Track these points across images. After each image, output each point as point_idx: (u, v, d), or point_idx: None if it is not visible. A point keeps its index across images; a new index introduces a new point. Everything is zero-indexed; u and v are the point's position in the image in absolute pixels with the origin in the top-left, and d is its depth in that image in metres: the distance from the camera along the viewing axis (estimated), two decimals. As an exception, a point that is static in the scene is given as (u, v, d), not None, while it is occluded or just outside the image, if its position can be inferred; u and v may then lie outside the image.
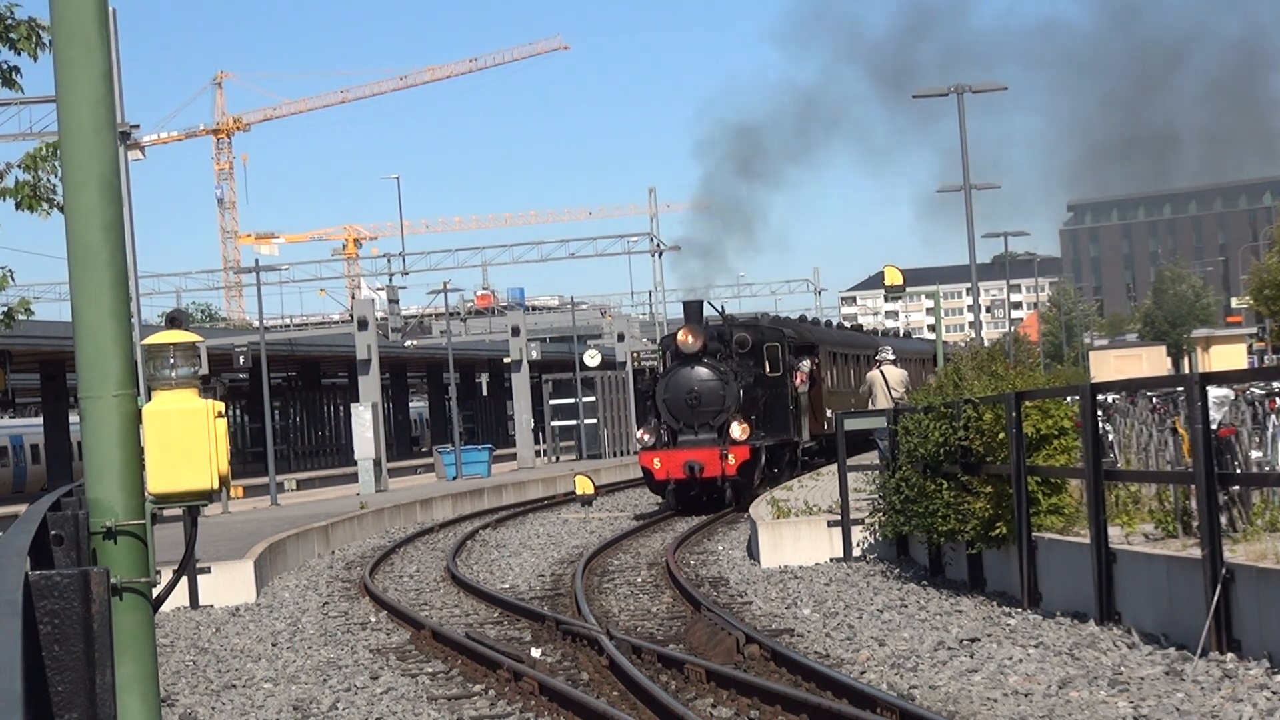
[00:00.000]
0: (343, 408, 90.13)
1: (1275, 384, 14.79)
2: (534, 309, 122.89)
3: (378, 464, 48.44)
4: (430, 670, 16.18)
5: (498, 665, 15.20)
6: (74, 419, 61.33)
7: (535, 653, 16.22)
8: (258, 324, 52.10)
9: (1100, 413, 15.88)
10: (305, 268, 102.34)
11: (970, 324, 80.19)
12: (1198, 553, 12.91)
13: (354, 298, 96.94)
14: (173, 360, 8.48)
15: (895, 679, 13.31)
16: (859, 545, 23.05)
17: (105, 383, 7.88)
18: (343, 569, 28.52)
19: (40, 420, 70.84)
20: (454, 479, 54.31)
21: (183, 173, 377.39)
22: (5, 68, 17.09)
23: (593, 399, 68.56)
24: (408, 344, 74.10)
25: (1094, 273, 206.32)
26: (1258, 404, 14.77)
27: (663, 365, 38.32)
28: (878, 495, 22.78)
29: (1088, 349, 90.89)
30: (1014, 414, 16.88)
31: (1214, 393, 13.57)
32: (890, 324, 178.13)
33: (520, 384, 65.30)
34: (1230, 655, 12.30)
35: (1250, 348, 78.04)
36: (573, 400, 69.60)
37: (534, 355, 66.02)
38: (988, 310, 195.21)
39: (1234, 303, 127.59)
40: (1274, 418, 14.48)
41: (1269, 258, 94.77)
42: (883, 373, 30.00)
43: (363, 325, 52.32)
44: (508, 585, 24.05)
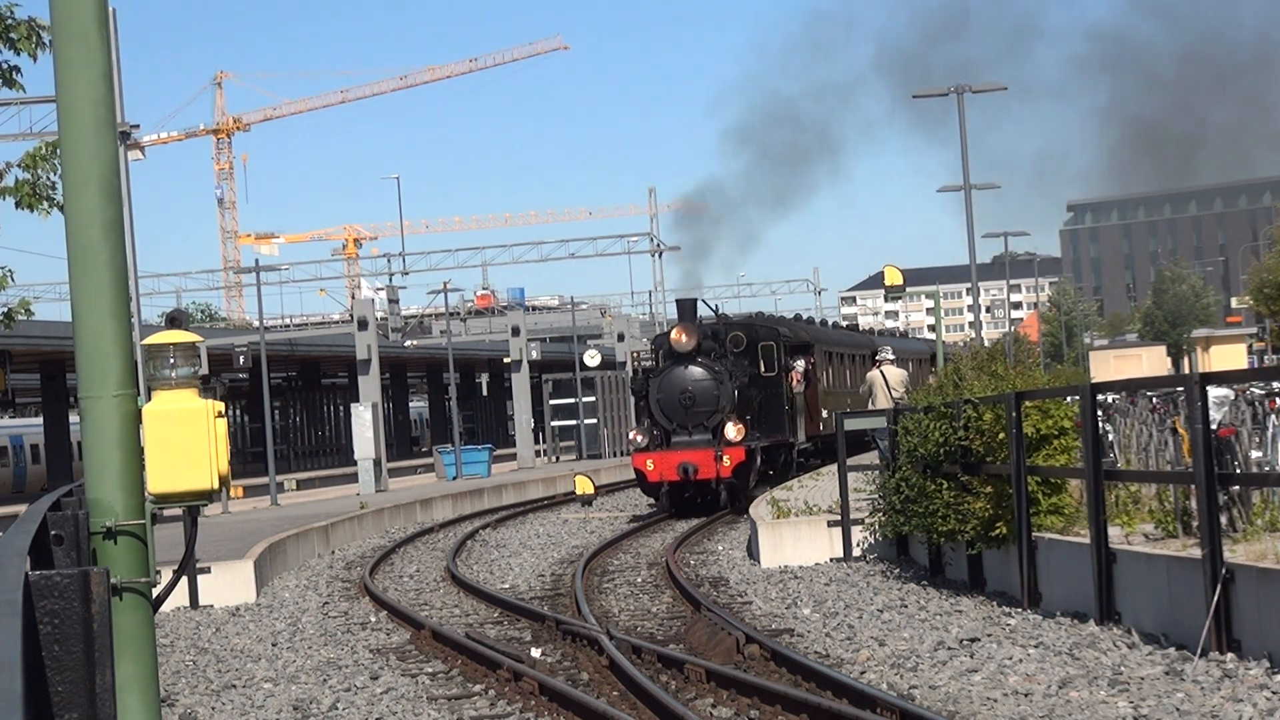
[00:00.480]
0: (343, 408, 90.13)
1: (1275, 384, 14.79)
2: (534, 309, 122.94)
3: (378, 464, 48.44)
4: (430, 670, 16.17)
5: (498, 665, 15.20)
6: (74, 419, 61.33)
7: (535, 653, 16.21)
8: (258, 324, 52.10)
9: (1100, 413, 15.88)
10: (305, 268, 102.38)
11: (970, 324, 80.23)
12: (1198, 553, 12.90)
13: (354, 298, 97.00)
14: (173, 360, 8.48)
15: (895, 679, 13.31)
16: (859, 545, 23.05)
17: (105, 383, 7.89)
18: (343, 569, 28.52)
19: (40, 420, 70.85)
20: (454, 479, 54.30)
21: (183, 173, 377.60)
22: (5, 68, 17.10)
23: (593, 399, 68.57)
24: (408, 344, 74.09)
25: (1094, 273, 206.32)
26: (1258, 404, 14.77)
27: (656, 364, 37.75)
28: (878, 495, 22.78)
29: (1088, 349, 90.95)
30: (1014, 414, 16.87)
31: (1214, 393, 13.57)
32: (890, 324, 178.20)
33: (520, 384, 65.30)
34: (1230, 655, 12.30)
35: (1250, 348, 78.05)
36: (573, 400, 69.59)
37: (534, 355, 66.02)
38: (988, 310, 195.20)
39: (1234, 303, 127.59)
40: (1274, 418, 14.47)
41: (1269, 258, 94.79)
42: (883, 373, 30.01)
43: (363, 325, 52.32)
44: (508, 585, 24.05)
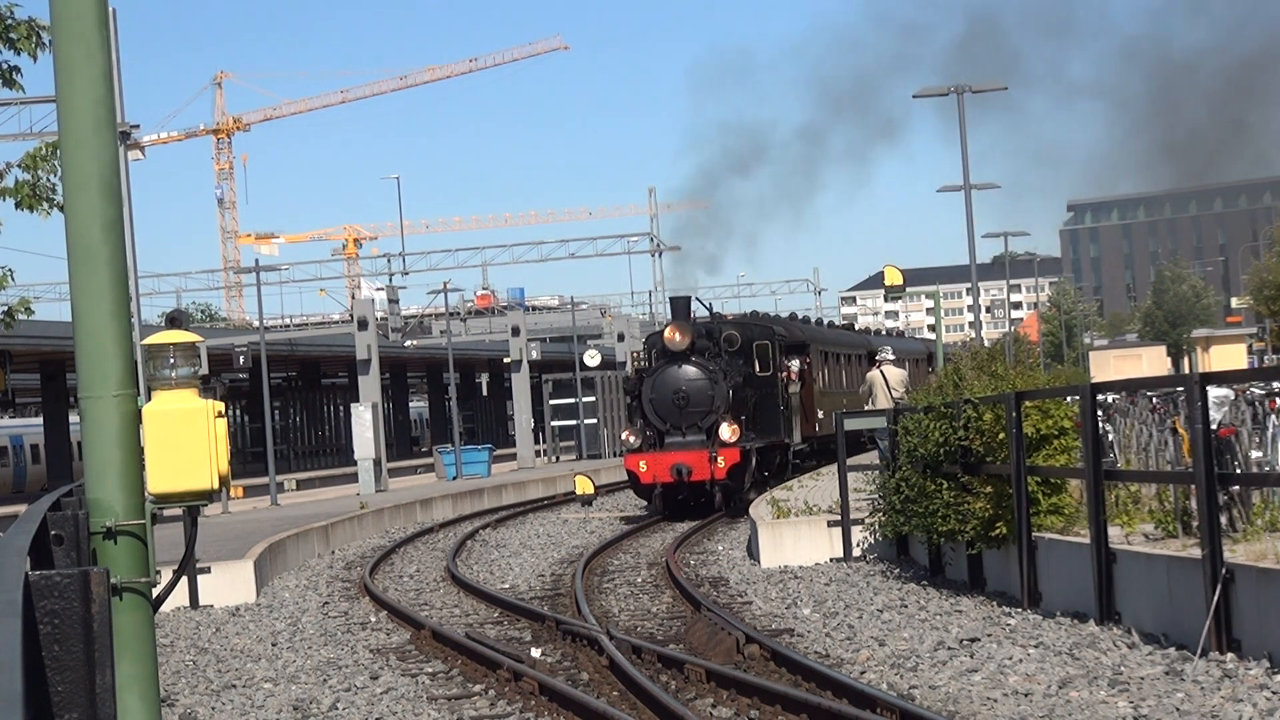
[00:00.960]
0: (343, 408, 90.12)
1: (1275, 384, 14.79)
2: (534, 309, 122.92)
3: (378, 464, 48.45)
4: (430, 670, 16.17)
5: (498, 665, 15.20)
6: (74, 419, 61.34)
7: (535, 653, 16.21)
8: (258, 324, 52.10)
9: (1100, 413, 15.88)
10: (305, 268, 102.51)
11: (970, 324, 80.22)
12: (1198, 553, 12.90)
13: (354, 298, 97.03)
14: (173, 360, 8.48)
15: (895, 679, 13.31)
16: (859, 545, 23.05)
17: (105, 383, 7.89)
18: (343, 569, 28.52)
19: (40, 420, 70.85)
20: (454, 479, 54.30)
21: (183, 173, 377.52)
22: (5, 68, 17.10)
23: (593, 399, 68.56)
24: (408, 344, 74.09)
25: (1094, 273, 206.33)
26: (1258, 404, 14.77)
27: (648, 364, 36.82)
28: (878, 495, 22.78)
29: (1088, 349, 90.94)
30: (1014, 414, 16.87)
31: (1214, 393, 13.57)
32: (890, 324, 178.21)
33: (520, 384, 65.31)
34: (1230, 655, 12.30)
35: (1250, 348, 78.07)
36: (573, 400, 69.58)
37: (534, 355, 66.03)
38: (988, 310, 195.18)
39: (1234, 303, 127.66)
40: (1274, 418, 14.48)
41: (1269, 258, 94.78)
42: (883, 373, 30.02)
43: (363, 325, 52.33)
44: (508, 585, 24.05)
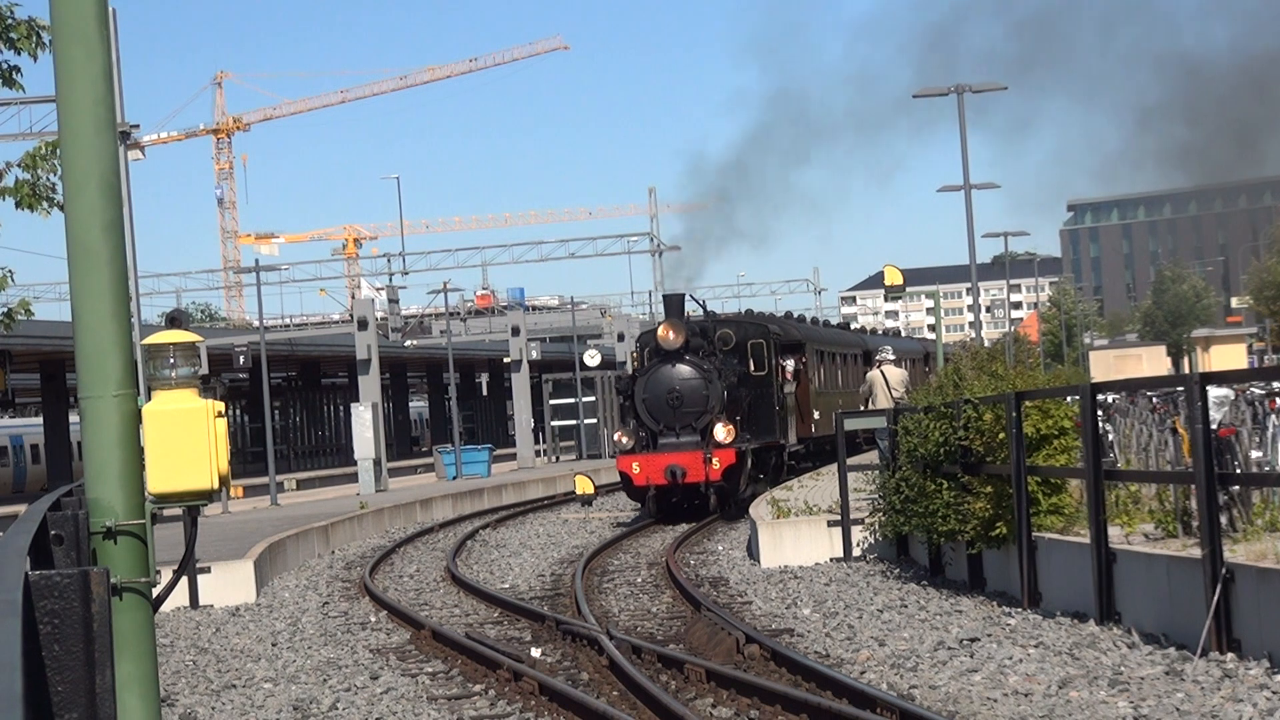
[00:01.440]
0: (343, 408, 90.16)
1: (1275, 384, 14.80)
2: (534, 309, 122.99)
3: (378, 464, 48.45)
4: (430, 670, 16.17)
5: (498, 665, 15.20)
6: (74, 419, 61.34)
7: (535, 653, 16.21)
8: (258, 324, 52.11)
9: (1100, 413, 15.88)
10: (305, 268, 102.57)
11: (970, 324, 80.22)
12: (1198, 553, 12.90)
13: (354, 298, 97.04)
14: (173, 360, 8.48)
15: (895, 679, 13.31)
16: (859, 545, 23.05)
17: (105, 383, 7.88)
18: (343, 569, 28.52)
19: (40, 420, 70.85)
20: (454, 479, 54.31)
21: (183, 173, 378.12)
22: (5, 68, 17.09)
23: (593, 399, 68.56)
24: (408, 344, 74.11)
25: (1094, 273, 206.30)
26: (1258, 404, 14.77)
27: (641, 363, 35.97)
28: (878, 495, 22.78)
29: (1088, 349, 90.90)
30: (1014, 414, 16.87)
31: (1214, 393, 13.57)
32: (890, 324, 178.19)
33: (520, 384, 65.32)
34: (1230, 655, 12.30)
35: (1250, 348, 78.12)
36: (573, 400, 69.59)
37: (534, 355, 66.04)
38: (988, 310, 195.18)
39: (1234, 303, 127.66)
40: (1274, 418, 14.48)
41: (1269, 258, 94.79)
42: (883, 372, 30.02)
43: (363, 325, 52.33)
44: (508, 585, 24.05)
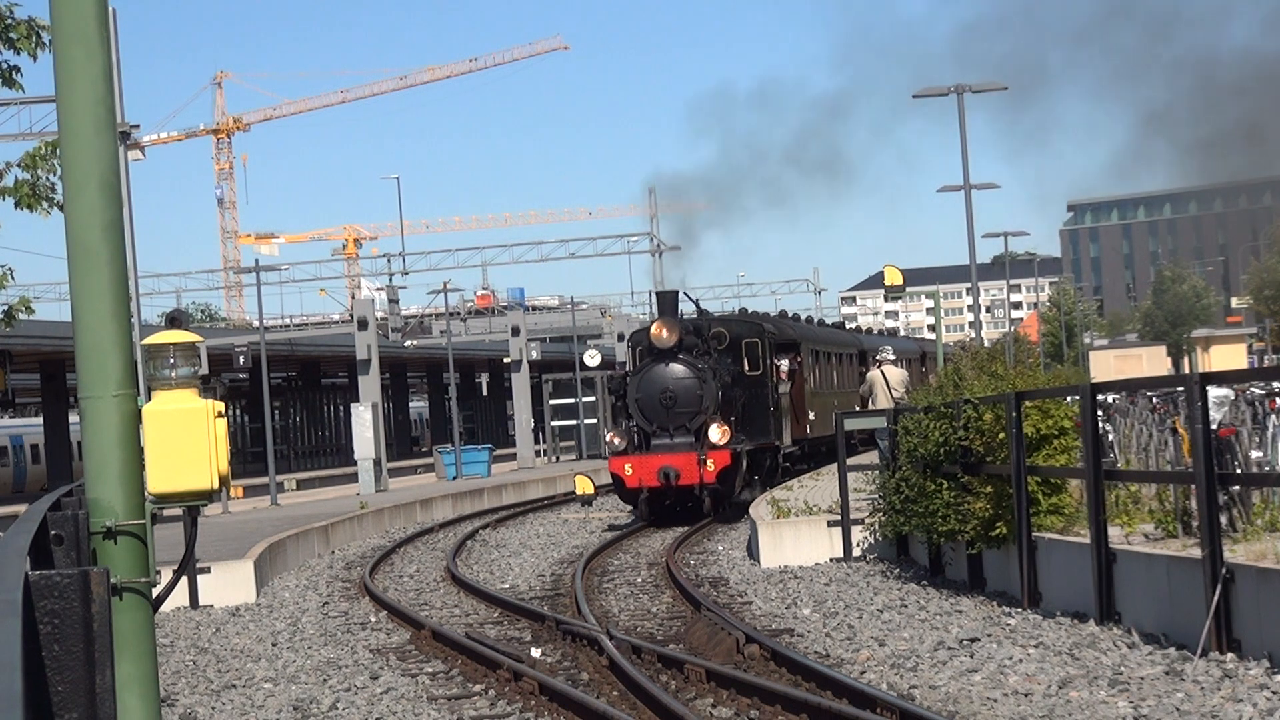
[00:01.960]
0: (343, 408, 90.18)
1: (1275, 384, 14.80)
2: (534, 309, 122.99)
3: (378, 464, 48.45)
4: (430, 670, 16.17)
5: (498, 665, 15.20)
6: (74, 419, 61.34)
7: (535, 653, 16.21)
8: (258, 324, 52.11)
9: (1100, 413, 15.88)
10: (305, 268, 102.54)
11: (970, 324, 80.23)
12: (1198, 553, 12.90)
13: (354, 298, 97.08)
14: (173, 360, 8.48)
15: (895, 679, 13.31)
16: (859, 545, 23.05)
17: (105, 383, 7.88)
18: (343, 569, 28.51)
19: (40, 420, 70.85)
20: (454, 479, 54.31)
21: (183, 173, 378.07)
22: (5, 68, 17.10)
23: (593, 399, 68.54)
24: (408, 344, 74.12)
25: (1094, 273, 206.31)
26: (1258, 404, 14.77)
27: (633, 363, 35.14)
28: (878, 495, 22.78)
29: (1088, 349, 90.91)
30: (1014, 414, 16.87)
31: (1214, 393, 13.57)
32: (890, 324, 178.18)
33: (520, 384, 65.32)
34: (1230, 655, 12.30)
35: (1250, 348, 78.13)
36: (573, 400, 69.58)
37: (534, 355, 66.04)
38: (988, 310, 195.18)
39: (1234, 303, 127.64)
40: (1274, 418, 14.48)
41: (1269, 258, 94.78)
42: (883, 372, 30.02)
43: (363, 325, 52.33)
44: (508, 585, 24.05)
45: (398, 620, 20.32)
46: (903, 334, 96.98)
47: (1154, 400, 17.21)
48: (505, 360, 70.84)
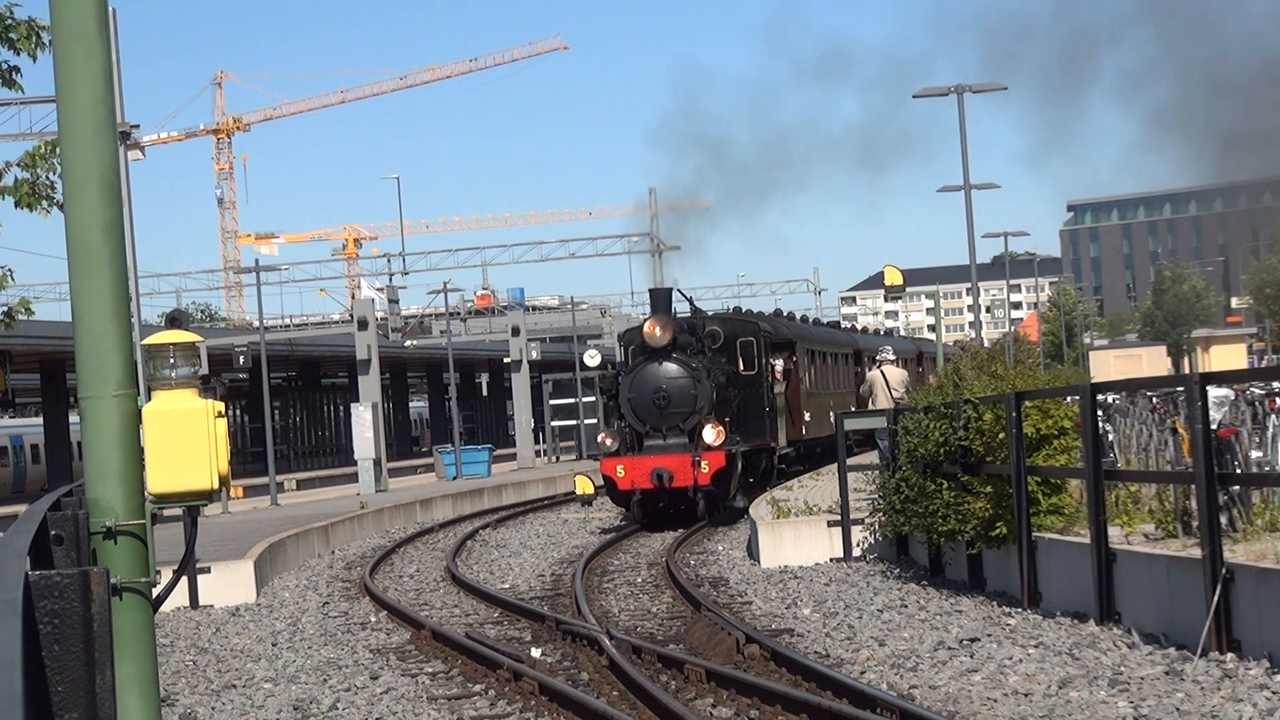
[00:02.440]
0: (343, 408, 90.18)
1: (1275, 384, 14.79)
2: (534, 309, 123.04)
3: (378, 464, 48.45)
4: (430, 670, 16.17)
5: (498, 665, 15.20)
6: (74, 419, 61.33)
7: (535, 653, 16.21)
8: (258, 324, 52.11)
9: (1100, 413, 15.87)
10: (305, 268, 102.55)
11: (970, 324, 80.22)
12: (1198, 553, 12.90)
13: (354, 298, 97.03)
14: (173, 360, 8.48)
15: (895, 679, 13.31)
16: (859, 545, 23.05)
17: (105, 383, 7.88)
18: (343, 569, 28.52)
19: (40, 420, 70.85)
20: (454, 479, 54.31)
21: (183, 173, 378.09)
22: (5, 68, 17.10)
23: (593, 399, 68.52)
24: (408, 344, 74.12)
25: (1094, 273, 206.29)
26: (1258, 404, 14.77)
27: (626, 362, 34.23)
28: (878, 495, 22.78)
29: (1088, 349, 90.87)
30: (1014, 414, 16.87)
31: (1214, 393, 13.57)
32: (890, 324, 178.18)
33: (520, 384, 65.33)
34: (1230, 655, 12.30)
35: (1250, 348, 78.14)
36: (573, 400, 69.59)
37: (534, 355, 66.05)
38: (988, 310, 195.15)
39: (1234, 303, 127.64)
40: (1274, 418, 14.48)
41: (1269, 257, 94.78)
42: (883, 372, 30.03)
43: (363, 325, 52.34)
44: (508, 585, 24.05)
45: (398, 620, 20.32)
46: (902, 334, 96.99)
47: (1154, 400, 17.20)
48: (505, 360, 70.83)
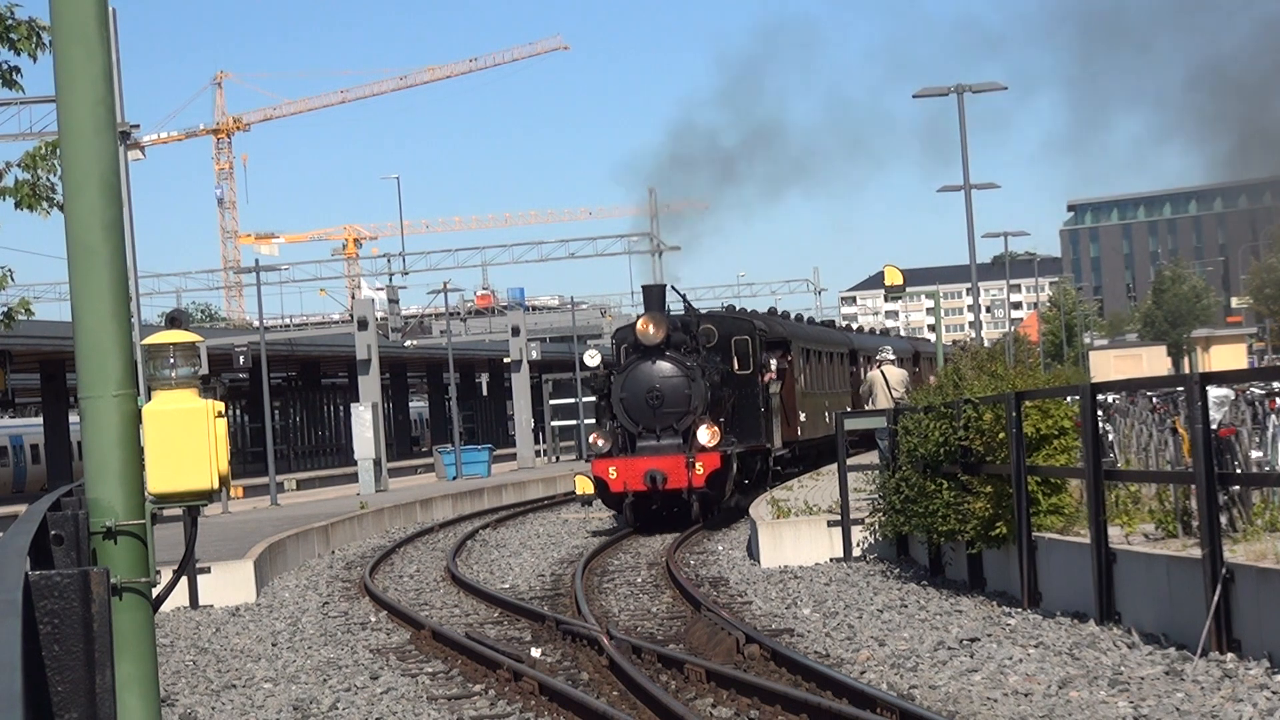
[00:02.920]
0: (343, 408, 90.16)
1: (1275, 384, 14.80)
2: (534, 309, 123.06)
3: (378, 464, 48.46)
4: (430, 670, 16.17)
5: (498, 665, 15.20)
6: (74, 419, 61.33)
7: (535, 653, 16.21)
8: (258, 324, 52.11)
9: (1100, 413, 15.88)
10: (305, 268, 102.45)
11: (970, 324, 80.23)
12: (1198, 553, 12.90)
13: (354, 298, 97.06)
14: (173, 360, 8.48)
15: (895, 679, 13.31)
16: (859, 545, 23.05)
17: (105, 383, 7.88)
18: (343, 569, 28.52)
19: (40, 420, 70.85)
20: (454, 479, 54.32)
21: (183, 173, 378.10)
22: (5, 68, 17.08)
23: (593, 399, 68.53)
24: (408, 344, 74.11)
25: (1094, 273, 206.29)
26: (1258, 404, 14.77)
27: (619, 360, 33.39)
28: (878, 495, 22.78)
29: (1088, 349, 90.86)
30: (1014, 414, 16.87)
31: (1214, 393, 13.57)
32: (890, 324, 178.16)
33: (520, 384, 65.33)
34: (1230, 655, 12.30)
35: (1250, 348, 78.13)
36: (573, 400, 69.60)
37: (534, 355, 66.06)
38: (988, 310, 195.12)
39: (1234, 303, 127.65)
40: (1274, 418, 14.48)
41: (1269, 257, 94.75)
42: (883, 372, 30.02)
43: (363, 325, 52.34)
44: (508, 585, 24.05)
45: (398, 620, 20.32)
46: (902, 334, 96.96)
47: (1154, 400, 17.21)
48: (505, 360, 70.83)
